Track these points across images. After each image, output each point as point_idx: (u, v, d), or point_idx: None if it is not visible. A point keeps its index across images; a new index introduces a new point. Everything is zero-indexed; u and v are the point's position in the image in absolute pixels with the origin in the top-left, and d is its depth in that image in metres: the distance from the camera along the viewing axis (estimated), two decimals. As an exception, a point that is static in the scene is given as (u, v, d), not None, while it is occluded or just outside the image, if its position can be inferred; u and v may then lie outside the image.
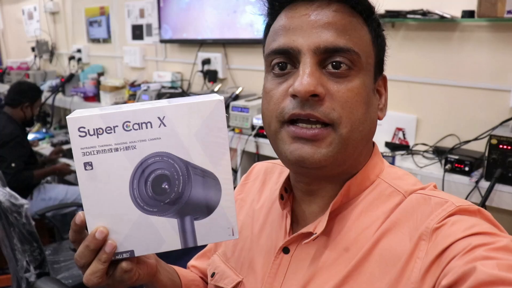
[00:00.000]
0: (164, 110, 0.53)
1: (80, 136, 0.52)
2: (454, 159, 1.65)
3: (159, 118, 0.53)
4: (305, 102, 0.56)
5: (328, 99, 0.57)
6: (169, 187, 0.55)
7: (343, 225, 0.62)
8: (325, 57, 0.58)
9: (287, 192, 0.70)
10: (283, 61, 0.60)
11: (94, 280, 0.55)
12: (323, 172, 0.61)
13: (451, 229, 0.53)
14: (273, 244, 0.69)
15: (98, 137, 0.52)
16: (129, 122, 0.53)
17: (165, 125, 0.53)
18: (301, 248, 0.65)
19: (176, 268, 0.83)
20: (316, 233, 0.61)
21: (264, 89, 0.63)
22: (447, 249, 0.51)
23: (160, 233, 0.56)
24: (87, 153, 0.53)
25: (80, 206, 2.94)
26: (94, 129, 0.52)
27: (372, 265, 0.57)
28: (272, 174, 0.81)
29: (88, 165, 0.53)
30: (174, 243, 0.56)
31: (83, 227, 0.56)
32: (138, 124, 0.53)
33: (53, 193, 2.99)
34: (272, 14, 0.65)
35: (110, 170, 0.53)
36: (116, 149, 0.53)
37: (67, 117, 0.52)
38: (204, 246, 0.91)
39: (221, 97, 0.55)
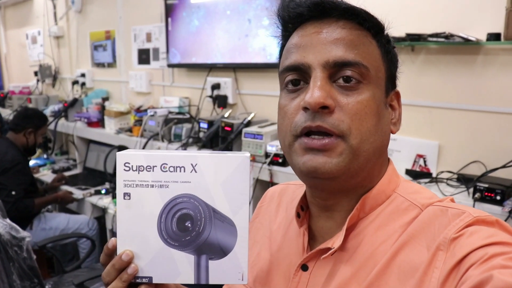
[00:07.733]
0: (197, 159, 0.60)
1: (124, 170, 0.60)
2: (484, 188, 1.58)
3: (192, 164, 0.60)
4: (316, 114, 0.58)
5: (338, 111, 0.59)
6: (191, 226, 0.60)
7: (360, 239, 0.63)
8: (335, 71, 0.60)
9: (303, 210, 0.71)
10: (296, 78, 0.62)
11: None
12: (337, 184, 0.62)
13: (469, 239, 0.53)
14: (291, 263, 0.70)
15: (139, 173, 0.60)
16: (166, 164, 0.60)
17: (196, 172, 0.60)
18: (319, 264, 0.65)
19: None
20: (334, 248, 0.62)
21: (279, 105, 0.66)
22: (465, 258, 0.51)
23: (178, 266, 0.61)
24: (128, 185, 0.60)
25: (81, 236, 2.83)
26: (137, 166, 0.60)
27: (391, 278, 0.58)
28: (286, 194, 0.83)
29: (127, 195, 0.60)
30: (188, 277, 0.61)
31: (114, 251, 0.61)
32: (174, 167, 0.60)
33: (54, 222, 2.87)
34: (286, 36, 0.68)
35: (144, 203, 0.60)
36: (152, 186, 0.60)
37: (117, 152, 0.60)
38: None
39: (248, 154, 0.60)
